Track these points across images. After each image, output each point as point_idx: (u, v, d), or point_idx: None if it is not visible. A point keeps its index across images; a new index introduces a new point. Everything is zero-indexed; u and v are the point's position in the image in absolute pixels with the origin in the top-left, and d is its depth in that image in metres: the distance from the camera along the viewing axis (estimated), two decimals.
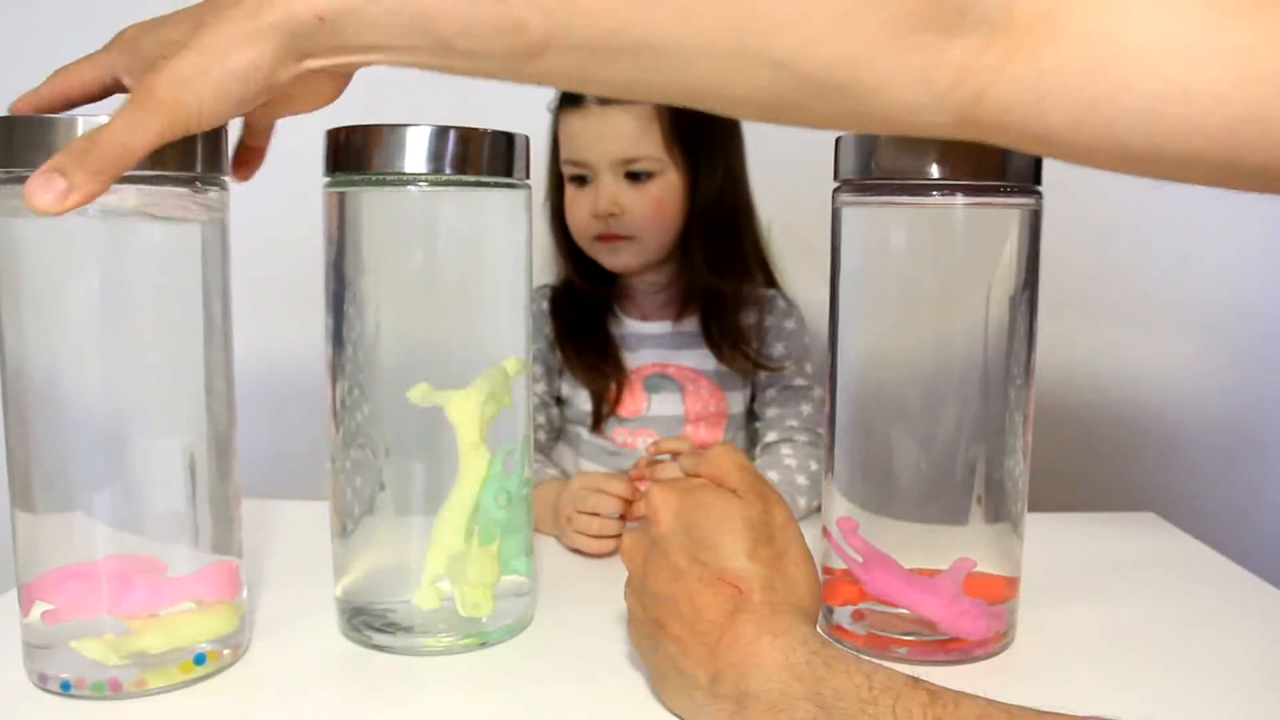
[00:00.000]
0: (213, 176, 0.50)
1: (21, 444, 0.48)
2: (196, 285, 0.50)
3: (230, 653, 0.53)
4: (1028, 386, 0.55)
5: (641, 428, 1.02)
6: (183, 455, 0.50)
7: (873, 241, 0.55)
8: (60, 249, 0.47)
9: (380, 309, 0.54)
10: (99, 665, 0.48)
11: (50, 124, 0.45)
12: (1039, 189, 0.54)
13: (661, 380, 1.03)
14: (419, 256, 0.55)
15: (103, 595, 0.49)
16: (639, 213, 0.96)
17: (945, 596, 0.53)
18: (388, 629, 0.55)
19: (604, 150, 0.96)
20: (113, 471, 0.49)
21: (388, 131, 0.52)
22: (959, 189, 0.51)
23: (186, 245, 0.50)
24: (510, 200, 0.56)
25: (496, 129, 0.54)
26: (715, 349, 1.01)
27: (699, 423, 1.02)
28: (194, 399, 0.51)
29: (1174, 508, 0.89)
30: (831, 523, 0.56)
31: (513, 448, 0.56)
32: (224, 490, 0.52)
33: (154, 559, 0.50)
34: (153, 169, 0.46)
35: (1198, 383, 1.37)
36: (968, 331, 0.53)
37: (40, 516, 0.49)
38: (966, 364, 0.54)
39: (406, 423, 0.54)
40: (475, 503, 0.54)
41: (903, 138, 0.50)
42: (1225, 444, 1.38)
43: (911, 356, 0.54)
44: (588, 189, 0.98)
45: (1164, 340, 1.36)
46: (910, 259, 0.54)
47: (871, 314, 0.55)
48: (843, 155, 0.55)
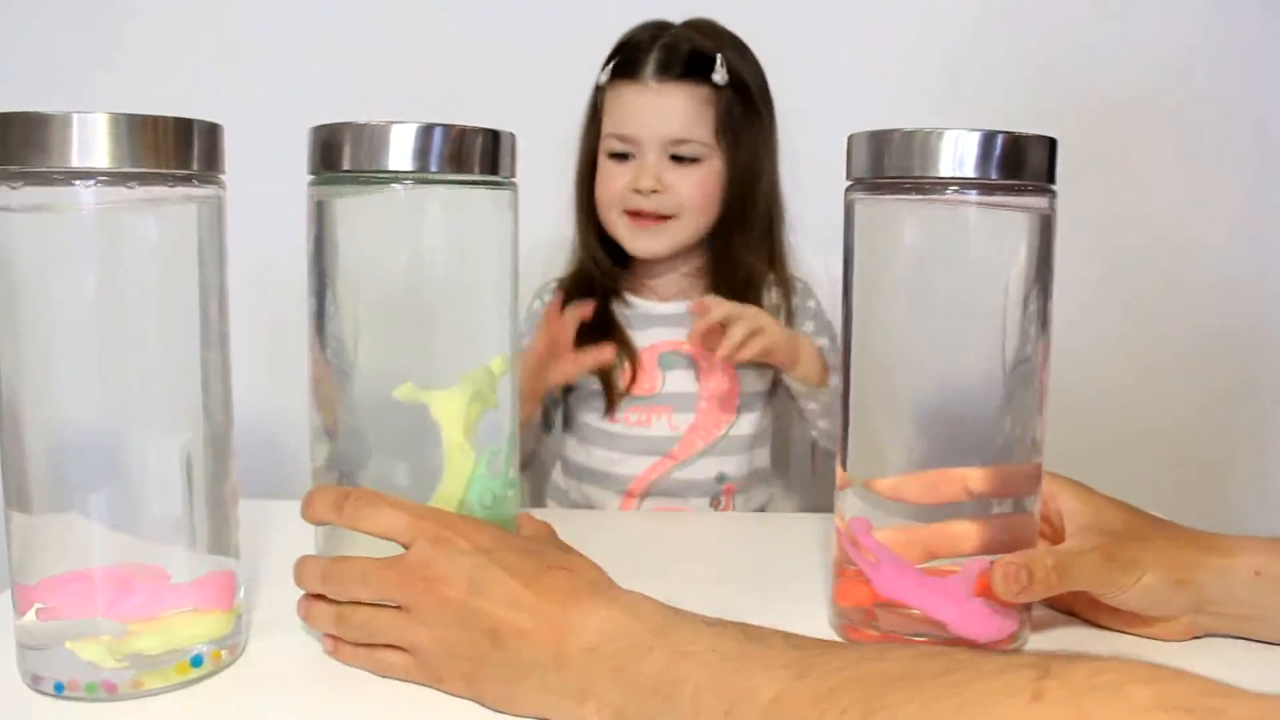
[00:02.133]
0: (209, 175, 0.49)
1: (16, 444, 0.48)
2: (193, 284, 0.50)
3: (228, 654, 0.52)
4: (1042, 383, 0.54)
5: (656, 405, 1.02)
6: (180, 455, 0.50)
7: (884, 239, 0.54)
8: (55, 248, 0.47)
9: (365, 308, 0.54)
10: (93, 667, 0.48)
11: (46, 122, 0.45)
12: (1053, 187, 0.53)
13: (676, 357, 1.03)
14: (404, 256, 0.54)
15: (99, 597, 0.48)
16: (685, 193, 0.97)
17: (957, 597, 0.53)
18: None
19: (655, 127, 0.97)
20: (109, 472, 0.48)
21: (371, 129, 0.51)
22: (972, 186, 0.51)
23: (183, 244, 0.49)
24: (496, 199, 0.55)
25: (483, 126, 0.53)
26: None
27: (713, 400, 1.02)
28: (191, 399, 0.50)
29: (1174, 508, 0.89)
30: (845, 523, 0.56)
31: (498, 448, 0.55)
32: (221, 490, 0.52)
33: (156, 567, 0.49)
34: (150, 167, 0.46)
35: (1198, 382, 1.37)
36: (983, 329, 0.53)
37: (35, 517, 0.49)
38: (982, 362, 0.53)
39: (390, 423, 0.54)
40: (461, 503, 0.54)
41: (913, 135, 0.51)
42: (1225, 444, 1.38)
43: (926, 355, 0.54)
44: (628, 164, 0.98)
45: (1164, 340, 1.36)
46: (923, 257, 0.53)
47: (885, 313, 0.55)
48: (855, 154, 0.54)
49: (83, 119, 0.44)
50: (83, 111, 0.45)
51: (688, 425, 1.02)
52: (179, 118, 0.47)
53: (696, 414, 1.02)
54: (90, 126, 0.44)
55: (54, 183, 0.45)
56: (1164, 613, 0.54)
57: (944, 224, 0.53)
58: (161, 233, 0.49)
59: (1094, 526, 0.55)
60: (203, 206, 0.50)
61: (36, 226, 0.47)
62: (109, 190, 0.46)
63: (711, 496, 1.05)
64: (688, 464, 1.03)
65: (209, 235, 0.50)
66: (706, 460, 1.03)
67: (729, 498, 1.05)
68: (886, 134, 0.52)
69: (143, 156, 0.46)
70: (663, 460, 1.03)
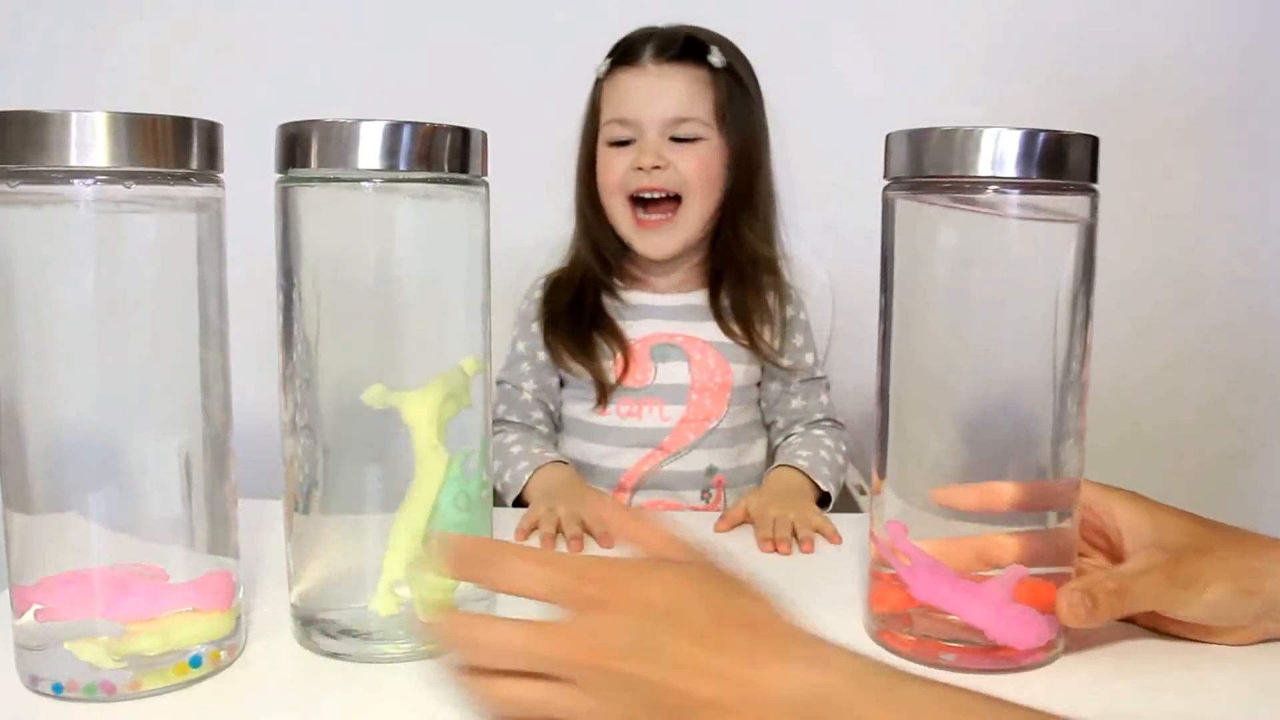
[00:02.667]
0: (208, 173, 0.49)
1: (15, 444, 0.48)
2: (192, 283, 0.50)
3: (226, 654, 0.52)
4: (1082, 387, 0.53)
5: (649, 397, 1.02)
6: (179, 456, 0.50)
7: (923, 241, 0.53)
8: (54, 247, 0.47)
9: (334, 308, 0.53)
10: (92, 667, 0.48)
11: (45, 120, 0.44)
12: (1095, 186, 0.52)
13: (669, 349, 1.03)
14: (373, 255, 0.54)
15: (98, 598, 0.48)
16: (687, 170, 0.98)
17: (994, 603, 0.52)
18: (343, 635, 0.54)
19: (656, 108, 0.97)
20: (108, 472, 0.48)
21: (340, 127, 0.50)
22: (1013, 185, 0.50)
23: (182, 243, 0.49)
24: (467, 197, 0.55)
25: (453, 124, 0.53)
26: (721, 320, 1.02)
27: (704, 393, 1.03)
28: (190, 399, 0.50)
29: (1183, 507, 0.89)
30: (881, 526, 0.55)
31: (471, 449, 0.55)
32: (220, 491, 0.52)
33: (155, 567, 0.49)
34: (149, 166, 0.46)
35: (1199, 382, 1.37)
36: (1022, 332, 0.52)
37: (35, 517, 0.48)
38: (1022, 365, 0.52)
39: (360, 424, 0.53)
40: (434, 506, 0.53)
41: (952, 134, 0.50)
42: (1225, 444, 1.38)
43: (965, 358, 0.53)
44: (629, 149, 0.98)
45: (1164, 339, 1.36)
46: (963, 259, 0.52)
47: (924, 314, 0.54)
48: (893, 152, 0.53)
49: (81, 118, 0.44)
50: (81, 110, 0.44)
51: (679, 417, 1.02)
52: (178, 116, 0.47)
53: (687, 405, 1.02)
54: (89, 125, 0.44)
55: (53, 181, 0.45)
56: (1232, 623, 0.54)
57: (985, 225, 0.51)
58: (160, 232, 0.49)
59: (1156, 543, 0.53)
60: (202, 205, 0.49)
61: (35, 225, 0.47)
62: (108, 189, 0.45)
63: (702, 489, 1.04)
64: (678, 456, 1.03)
65: (208, 234, 0.50)
66: (697, 453, 1.03)
67: (720, 491, 1.05)
68: (925, 132, 0.51)
69: (142, 155, 0.45)
70: (654, 453, 1.03)
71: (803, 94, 1.14)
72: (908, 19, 1.31)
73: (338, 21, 1.29)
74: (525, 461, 0.92)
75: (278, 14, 1.29)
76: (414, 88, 1.27)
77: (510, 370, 1.05)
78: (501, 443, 0.95)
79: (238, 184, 0.54)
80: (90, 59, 1.26)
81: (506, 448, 0.94)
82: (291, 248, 0.53)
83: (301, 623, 0.55)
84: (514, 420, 1.01)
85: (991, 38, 1.30)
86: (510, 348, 1.07)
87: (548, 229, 1.09)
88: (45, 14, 1.26)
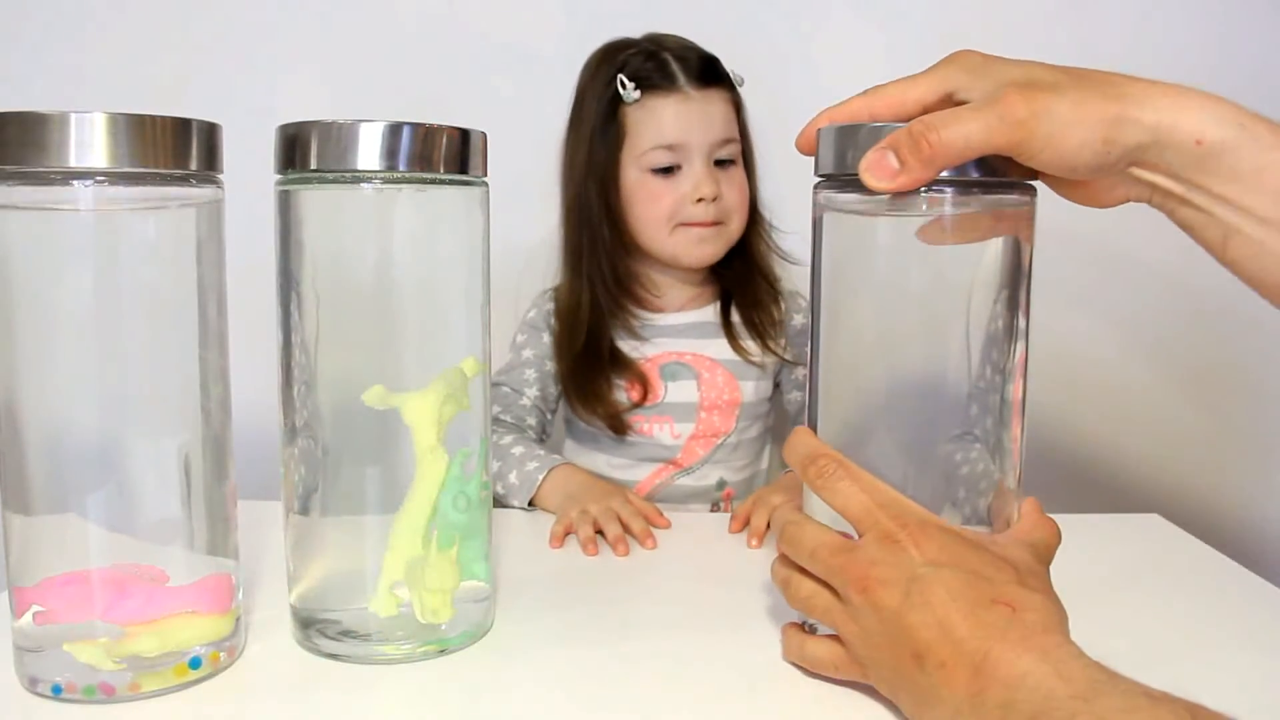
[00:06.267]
0: (208, 174, 0.49)
1: (14, 445, 0.48)
2: (192, 284, 0.50)
3: (226, 656, 0.52)
4: (1017, 385, 0.52)
5: (659, 415, 1.03)
6: (178, 456, 0.50)
7: (854, 238, 0.52)
8: (53, 248, 0.47)
9: (333, 309, 0.53)
10: (91, 669, 0.48)
11: (44, 121, 0.44)
12: (1033, 184, 0.51)
13: (678, 368, 1.03)
14: (372, 256, 0.54)
15: (97, 599, 0.48)
16: (731, 197, 0.99)
17: None
18: (343, 636, 0.54)
19: (703, 133, 0.98)
20: (107, 473, 0.48)
21: (339, 127, 0.50)
22: (947, 184, 0.48)
23: (181, 244, 0.49)
24: (467, 198, 0.55)
25: (453, 125, 0.53)
26: (731, 337, 1.02)
27: (712, 410, 1.03)
28: (189, 399, 0.50)
29: (1174, 508, 0.89)
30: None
31: (471, 450, 0.55)
32: (220, 492, 0.52)
33: (155, 569, 0.49)
34: (148, 167, 0.46)
35: (1198, 381, 1.37)
36: (953, 330, 0.51)
37: (34, 519, 0.48)
38: (951, 364, 0.51)
39: (360, 425, 0.53)
40: (433, 507, 0.53)
41: (880, 130, 0.48)
42: (1225, 444, 1.38)
43: (896, 356, 0.52)
44: (674, 178, 0.98)
45: (1164, 339, 1.36)
46: (894, 257, 0.51)
47: (853, 313, 0.53)
48: (823, 149, 0.52)
49: (80, 119, 0.44)
50: (80, 111, 0.44)
51: (688, 434, 1.03)
52: (177, 118, 0.47)
53: (697, 423, 1.03)
54: (88, 126, 0.44)
55: (52, 182, 0.45)
56: (1093, 173, 0.47)
57: (916, 222, 0.49)
58: (160, 233, 0.49)
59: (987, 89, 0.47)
60: (201, 206, 0.49)
61: (34, 226, 0.47)
62: (107, 190, 0.45)
63: (711, 503, 1.05)
64: (690, 471, 1.04)
65: (207, 235, 0.50)
66: (708, 468, 1.04)
67: (728, 503, 1.05)
68: (853, 129, 0.49)
69: (141, 156, 0.45)
70: (666, 467, 1.03)
71: (785, 96, 1.13)
72: (899, 21, 1.31)
73: (337, 22, 1.29)
74: (534, 462, 0.91)
75: (278, 14, 1.29)
76: (413, 88, 1.27)
77: (512, 374, 1.04)
78: (498, 444, 0.95)
79: (237, 185, 0.54)
80: (89, 59, 1.26)
81: (506, 449, 0.94)
82: (291, 249, 0.53)
83: (301, 624, 0.55)
84: (508, 421, 1.01)
85: (976, 42, 1.30)
86: (512, 351, 1.06)
87: (548, 229, 1.08)
88: (40, 14, 1.26)
